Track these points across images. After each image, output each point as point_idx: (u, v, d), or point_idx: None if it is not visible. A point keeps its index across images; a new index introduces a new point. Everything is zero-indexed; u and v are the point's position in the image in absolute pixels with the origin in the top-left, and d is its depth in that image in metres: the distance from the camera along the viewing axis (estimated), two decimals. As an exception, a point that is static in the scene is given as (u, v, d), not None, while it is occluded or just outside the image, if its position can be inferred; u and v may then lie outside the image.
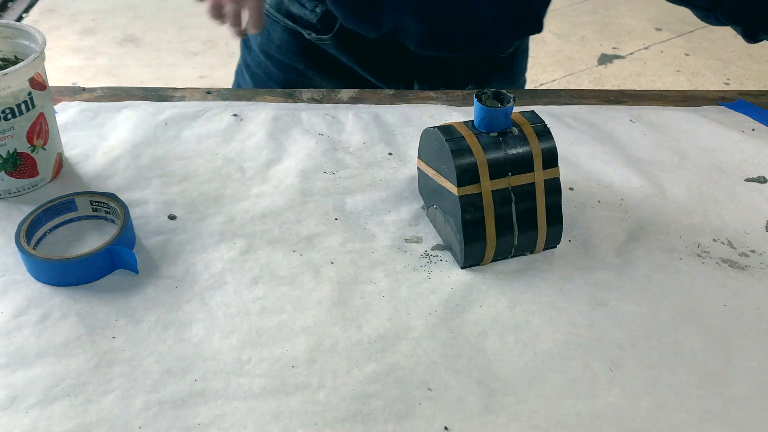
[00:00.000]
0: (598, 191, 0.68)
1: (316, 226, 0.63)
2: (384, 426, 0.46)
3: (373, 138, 0.74)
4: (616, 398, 0.49)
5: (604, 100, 0.83)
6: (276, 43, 0.87)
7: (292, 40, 0.87)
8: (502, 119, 0.56)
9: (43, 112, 0.64)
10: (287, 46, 0.86)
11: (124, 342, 0.52)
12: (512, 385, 0.49)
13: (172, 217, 0.63)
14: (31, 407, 0.47)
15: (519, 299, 0.56)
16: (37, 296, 0.55)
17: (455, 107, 0.80)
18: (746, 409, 0.48)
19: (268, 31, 0.87)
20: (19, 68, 0.59)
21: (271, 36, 0.87)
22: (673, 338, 0.53)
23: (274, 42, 0.87)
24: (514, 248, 0.59)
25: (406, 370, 0.50)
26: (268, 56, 0.89)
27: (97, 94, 0.80)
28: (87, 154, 0.71)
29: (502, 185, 0.56)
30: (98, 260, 0.56)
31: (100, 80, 2.54)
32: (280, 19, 0.87)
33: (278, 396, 0.48)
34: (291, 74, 0.90)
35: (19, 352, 0.50)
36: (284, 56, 0.88)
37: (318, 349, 0.51)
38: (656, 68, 2.60)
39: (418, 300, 0.56)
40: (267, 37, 0.88)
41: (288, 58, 0.87)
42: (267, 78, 0.92)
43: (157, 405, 0.47)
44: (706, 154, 0.74)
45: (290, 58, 0.87)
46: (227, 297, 0.55)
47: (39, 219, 0.59)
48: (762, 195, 0.68)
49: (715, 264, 0.60)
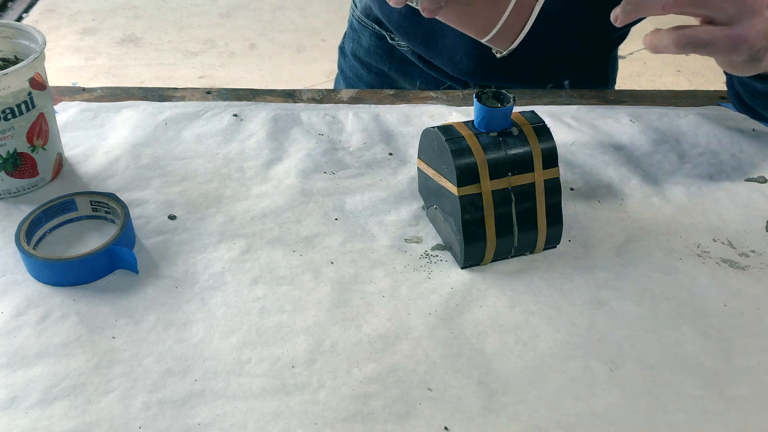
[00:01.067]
0: (598, 191, 0.68)
1: (316, 226, 0.63)
2: (384, 426, 0.46)
3: (373, 138, 0.75)
4: (616, 398, 0.49)
5: (604, 100, 0.83)
6: (365, 47, 0.94)
7: (378, 43, 0.94)
8: (502, 119, 0.56)
9: (43, 112, 0.64)
10: (374, 49, 0.93)
11: (124, 342, 0.52)
12: (512, 385, 0.49)
13: (172, 217, 0.63)
14: (31, 407, 0.47)
15: (519, 299, 0.56)
16: (37, 296, 0.55)
17: (455, 107, 0.80)
18: (746, 409, 0.48)
19: (358, 35, 0.95)
20: (19, 68, 0.59)
21: (360, 41, 0.94)
22: (673, 338, 0.53)
23: (363, 46, 0.94)
24: (514, 248, 0.59)
25: (406, 370, 0.50)
26: (358, 60, 0.96)
27: (97, 94, 0.80)
28: (87, 154, 0.71)
29: (502, 185, 0.56)
30: (98, 260, 0.56)
31: (100, 80, 2.54)
32: (368, 24, 0.94)
33: (278, 396, 0.48)
34: (379, 76, 0.97)
35: (19, 352, 0.50)
36: (372, 59, 0.94)
37: (318, 349, 0.51)
38: (656, 68, 2.60)
39: (418, 300, 0.56)
40: (358, 41, 0.95)
41: (375, 60, 0.94)
42: (357, 80, 1.00)
43: (157, 405, 0.47)
44: (706, 154, 0.74)
45: (377, 60, 0.93)
46: (227, 297, 0.55)
47: (39, 219, 0.59)
48: (762, 195, 0.68)
49: (715, 264, 0.60)
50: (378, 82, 0.98)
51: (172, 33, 2.97)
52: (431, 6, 0.48)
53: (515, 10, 0.47)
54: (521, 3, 0.47)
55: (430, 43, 0.86)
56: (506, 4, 0.47)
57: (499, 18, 0.48)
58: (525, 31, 0.49)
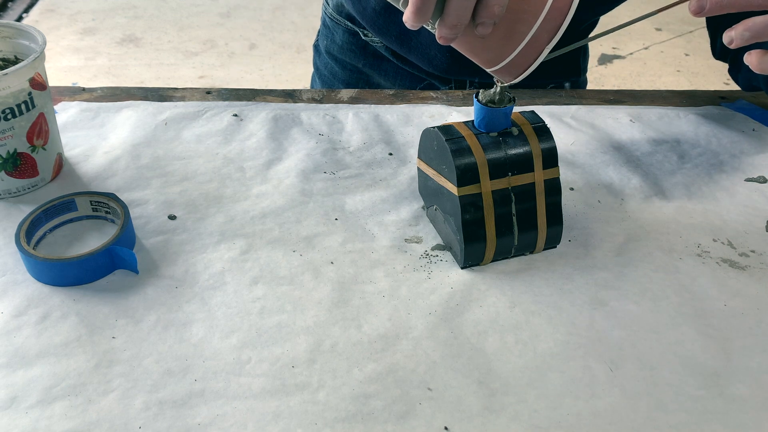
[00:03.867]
0: (598, 191, 0.68)
1: (316, 226, 0.63)
2: (384, 426, 0.46)
3: (373, 138, 0.75)
4: (616, 398, 0.49)
5: (604, 100, 0.83)
6: (339, 44, 0.93)
7: (352, 40, 0.94)
8: (502, 119, 0.56)
9: (43, 112, 0.64)
10: (348, 46, 0.93)
11: (124, 342, 0.52)
12: (512, 385, 0.49)
13: (172, 217, 0.63)
14: (31, 407, 0.47)
15: (519, 299, 0.56)
16: (37, 296, 0.55)
17: (455, 107, 0.80)
18: (746, 409, 0.48)
19: (332, 33, 0.95)
20: (19, 68, 0.59)
21: (334, 38, 0.94)
22: (673, 338, 0.53)
23: (337, 43, 0.94)
24: (514, 248, 0.59)
25: (406, 370, 0.50)
26: (332, 57, 0.96)
27: (97, 94, 0.80)
28: (87, 154, 0.71)
29: (502, 185, 0.56)
30: (98, 260, 0.56)
31: (100, 80, 2.54)
32: (341, 21, 0.94)
33: (278, 396, 0.48)
34: (353, 73, 0.97)
35: (19, 352, 0.50)
36: (346, 56, 0.94)
37: (318, 349, 0.51)
38: (656, 68, 2.60)
39: (418, 300, 0.56)
40: (331, 39, 0.95)
41: (349, 57, 0.93)
42: (332, 77, 0.99)
43: (157, 405, 0.47)
44: (706, 154, 0.74)
45: (351, 57, 0.93)
46: (227, 297, 0.55)
47: (39, 219, 0.59)
48: (762, 195, 0.68)
49: (715, 264, 0.60)
50: (353, 78, 0.98)
51: (172, 33, 2.97)
52: (449, 35, 0.48)
53: (524, 50, 0.49)
54: (531, 44, 0.48)
55: (404, 40, 0.86)
56: (518, 42, 0.48)
57: (508, 55, 0.49)
58: (529, 71, 0.50)
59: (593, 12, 0.82)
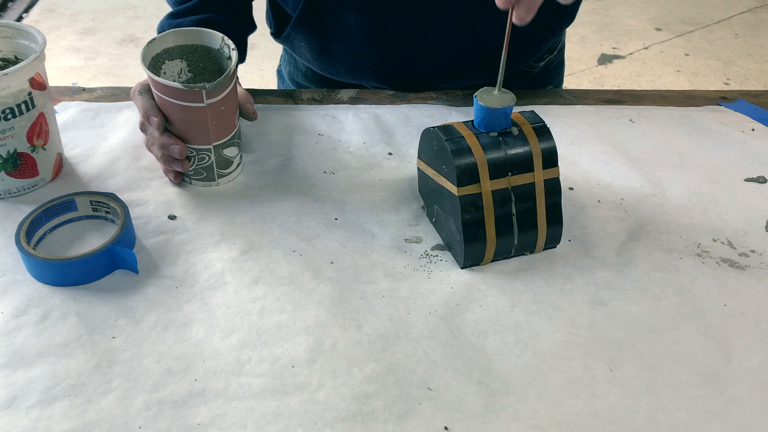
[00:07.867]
0: (598, 191, 0.68)
1: (316, 226, 0.63)
2: (384, 426, 0.46)
3: (373, 138, 0.74)
4: (616, 398, 0.49)
5: (604, 100, 0.83)
6: (302, 71, 0.92)
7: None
8: (502, 119, 0.56)
9: (43, 112, 0.64)
10: (311, 74, 0.91)
11: (124, 342, 0.52)
12: (512, 385, 0.49)
13: (172, 217, 0.63)
14: (31, 407, 0.47)
15: (519, 299, 0.56)
16: (37, 296, 0.55)
17: (455, 107, 0.80)
18: (746, 409, 0.48)
19: (294, 60, 0.93)
20: (19, 68, 0.59)
21: (297, 65, 0.93)
22: (673, 338, 0.53)
23: (300, 70, 0.93)
24: (514, 248, 0.59)
25: (406, 370, 0.50)
26: (296, 84, 0.95)
27: (97, 94, 0.80)
28: (87, 154, 0.71)
29: (502, 185, 0.56)
30: (98, 260, 0.56)
31: (100, 80, 2.54)
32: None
33: (278, 396, 0.48)
34: None
35: (19, 352, 0.50)
36: (309, 83, 0.92)
37: (318, 349, 0.51)
38: (656, 68, 2.60)
39: (418, 300, 0.56)
40: (294, 66, 0.94)
41: (313, 84, 0.92)
42: None
43: (157, 405, 0.47)
44: (706, 154, 0.74)
45: (315, 84, 0.92)
46: (227, 297, 0.55)
47: (39, 219, 0.59)
48: (762, 195, 0.68)
49: (715, 264, 0.60)
50: None
51: (172, 33, 2.96)
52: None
53: None
54: None
55: (345, 68, 0.84)
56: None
57: None
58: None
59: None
